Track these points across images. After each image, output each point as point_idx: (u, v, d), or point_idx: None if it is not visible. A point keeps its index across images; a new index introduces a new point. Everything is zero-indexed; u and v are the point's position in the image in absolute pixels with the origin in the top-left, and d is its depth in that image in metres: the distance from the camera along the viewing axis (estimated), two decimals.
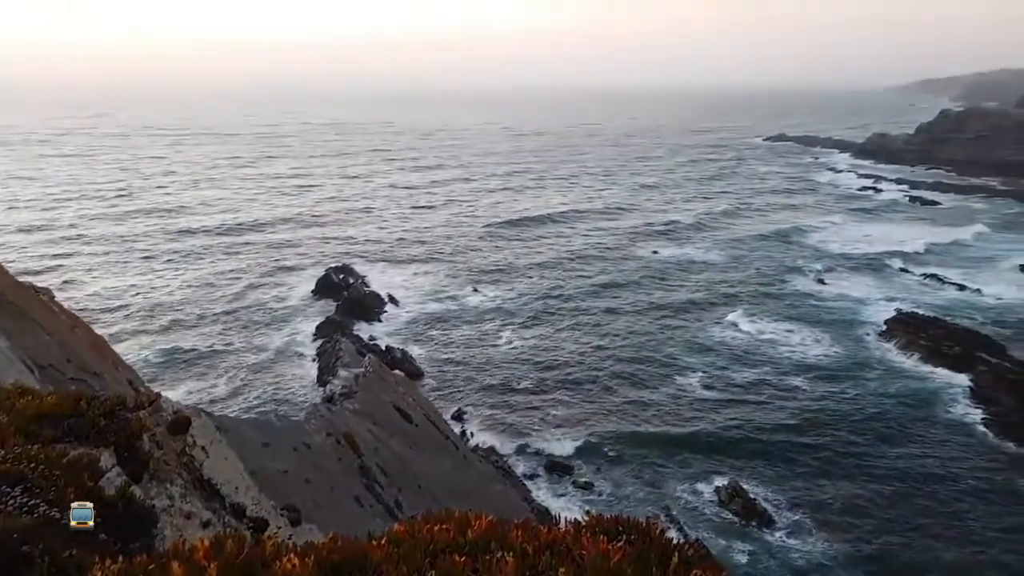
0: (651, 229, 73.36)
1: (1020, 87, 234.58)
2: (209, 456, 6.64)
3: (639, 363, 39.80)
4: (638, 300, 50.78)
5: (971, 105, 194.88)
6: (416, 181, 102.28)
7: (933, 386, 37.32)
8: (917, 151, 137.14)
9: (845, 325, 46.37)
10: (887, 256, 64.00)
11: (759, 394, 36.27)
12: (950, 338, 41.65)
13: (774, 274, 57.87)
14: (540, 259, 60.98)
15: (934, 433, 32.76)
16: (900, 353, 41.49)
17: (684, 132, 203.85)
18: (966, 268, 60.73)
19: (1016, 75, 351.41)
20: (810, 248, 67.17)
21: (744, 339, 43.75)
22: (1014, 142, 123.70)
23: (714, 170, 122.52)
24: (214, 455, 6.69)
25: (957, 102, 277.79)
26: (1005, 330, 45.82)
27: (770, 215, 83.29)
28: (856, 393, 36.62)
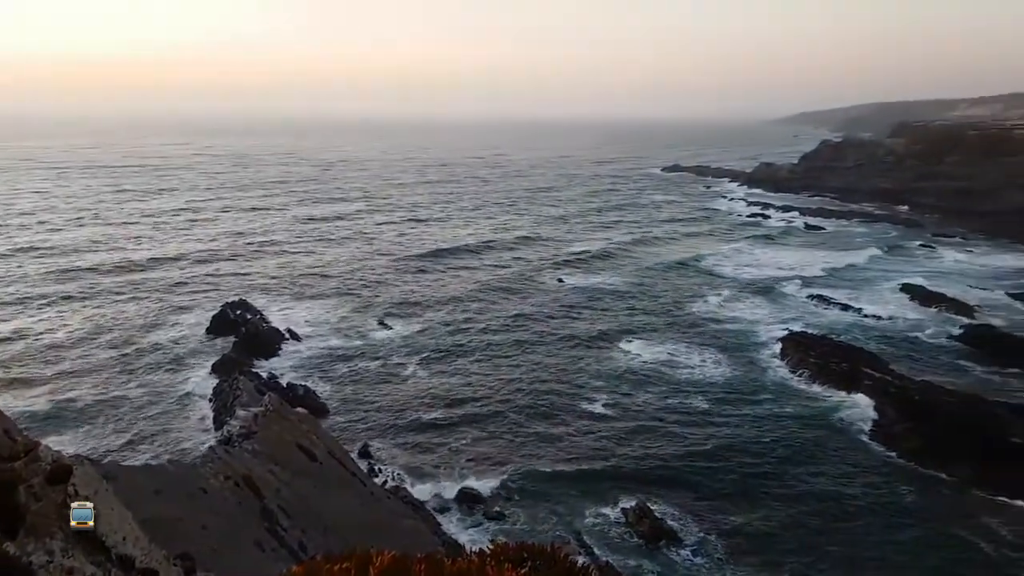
0: (558, 259, 74.52)
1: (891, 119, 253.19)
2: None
3: (547, 392, 40.14)
4: (545, 330, 51.18)
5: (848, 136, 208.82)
6: (318, 213, 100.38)
7: (823, 401, 39.43)
8: (801, 179, 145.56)
9: (742, 347, 48.35)
10: (777, 279, 67.34)
11: (663, 416, 37.25)
12: (837, 355, 44.08)
13: (674, 300, 59.82)
14: (448, 292, 60.65)
15: (826, 446, 34.43)
16: (792, 371, 43.62)
17: (586, 163, 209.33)
18: (850, 289, 64.56)
19: (887, 108, 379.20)
20: (707, 273, 69.92)
21: (647, 364, 44.87)
22: (887, 170, 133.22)
23: (616, 200, 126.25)
24: (99, 505, 6.33)
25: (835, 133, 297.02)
26: (887, 346, 48.89)
27: (669, 242, 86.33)
28: (753, 411, 38.22)
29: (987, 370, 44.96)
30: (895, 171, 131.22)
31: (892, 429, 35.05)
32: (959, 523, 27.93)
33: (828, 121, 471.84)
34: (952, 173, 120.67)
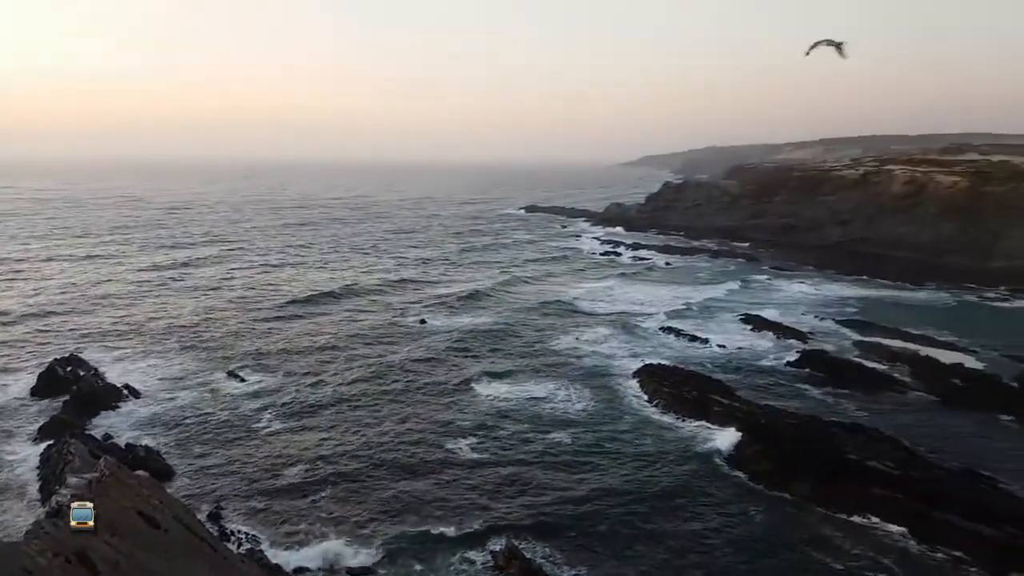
0: (421, 302, 73.85)
1: (724, 162, 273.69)
2: None
3: (413, 443, 38.96)
4: (410, 377, 49.95)
5: (688, 177, 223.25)
6: (163, 260, 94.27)
7: (677, 430, 41.02)
8: (648, 218, 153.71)
9: (602, 380, 49.66)
10: (632, 314, 70.15)
11: (529, 456, 37.29)
12: (689, 384, 46.22)
13: (537, 338, 60.73)
14: (306, 341, 58.11)
15: (682, 471, 35.69)
16: (648, 401, 45.25)
17: (447, 204, 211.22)
18: (697, 320, 68.24)
19: (721, 152, 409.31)
20: (567, 310, 71.72)
21: (512, 404, 44.97)
22: (723, 209, 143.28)
23: (477, 240, 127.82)
24: None
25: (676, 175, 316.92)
26: (733, 374, 51.82)
27: (529, 281, 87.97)
28: (614, 443, 39.10)
29: (822, 392, 48.65)
30: (731, 209, 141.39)
31: (741, 453, 36.90)
32: (806, 541, 29.56)
33: (670, 164, 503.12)
34: (781, 211, 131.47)
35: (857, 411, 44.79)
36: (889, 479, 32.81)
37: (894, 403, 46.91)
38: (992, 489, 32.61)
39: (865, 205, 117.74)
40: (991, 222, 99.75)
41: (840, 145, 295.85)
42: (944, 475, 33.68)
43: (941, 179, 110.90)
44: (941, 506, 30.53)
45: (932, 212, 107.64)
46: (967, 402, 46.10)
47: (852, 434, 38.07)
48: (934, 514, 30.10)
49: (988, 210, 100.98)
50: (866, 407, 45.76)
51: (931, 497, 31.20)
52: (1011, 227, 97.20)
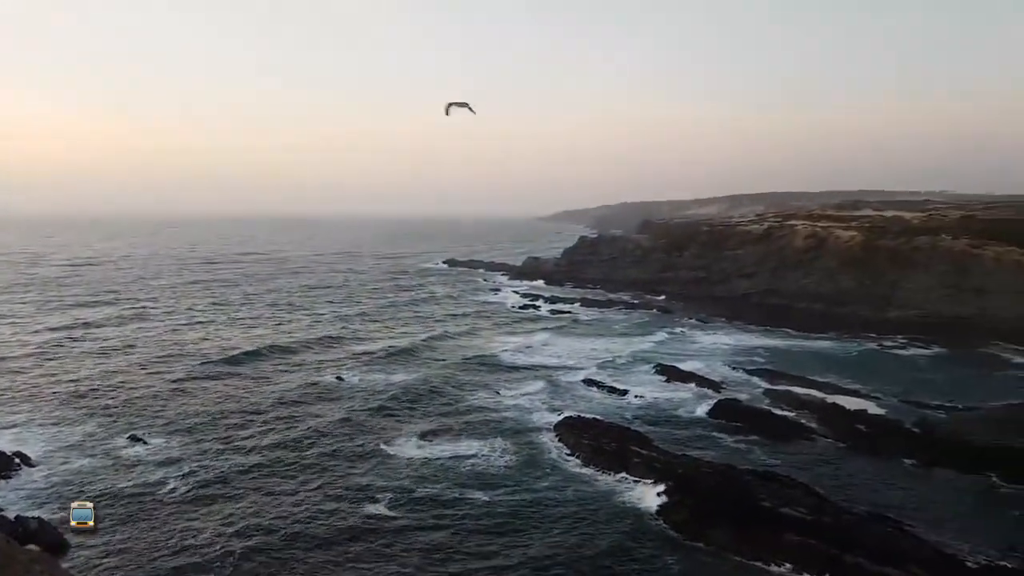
0: (339, 359, 72.11)
1: (637, 217, 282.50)
2: None
3: (328, 506, 37.50)
4: (325, 437, 48.36)
5: (603, 232, 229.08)
6: (64, 321, 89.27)
7: (597, 482, 41.09)
8: (565, 272, 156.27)
9: (522, 435, 49.44)
10: (551, 367, 70.61)
11: (450, 518, 36.39)
12: (608, 436, 46.56)
13: (457, 393, 60.20)
14: (217, 403, 55.49)
15: (602, 524, 35.62)
16: (569, 454, 45.28)
17: (366, 258, 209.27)
18: (615, 371, 69.19)
19: (633, 207, 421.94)
20: (487, 364, 71.46)
21: (433, 462, 44.21)
22: (637, 262, 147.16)
23: (397, 295, 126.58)
24: None
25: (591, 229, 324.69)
26: (651, 425, 52.58)
27: (449, 336, 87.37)
28: (534, 501, 38.77)
29: (736, 440, 49.84)
30: (644, 263, 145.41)
31: (659, 504, 37.23)
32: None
33: (585, 218, 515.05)
34: (691, 264, 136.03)
35: (770, 458, 46.04)
36: (802, 525, 33.66)
37: (804, 450, 48.47)
38: (899, 532, 33.88)
39: (769, 258, 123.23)
40: (886, 274, 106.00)
41: (745, 201, 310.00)
42: (854, 519, 34.81)
43: (839, 234, 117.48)
44: (852, 550, 31.44)
45: (832, 265, 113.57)
46: (872, 447, 48.06)
47: (765, 481, 38.99)
48: (845, 558, 30.97)
49: (882, 263, 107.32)
50: (778, 454, 47.10)
51: (842, 542, 32.12)
52: (904, 279, 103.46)
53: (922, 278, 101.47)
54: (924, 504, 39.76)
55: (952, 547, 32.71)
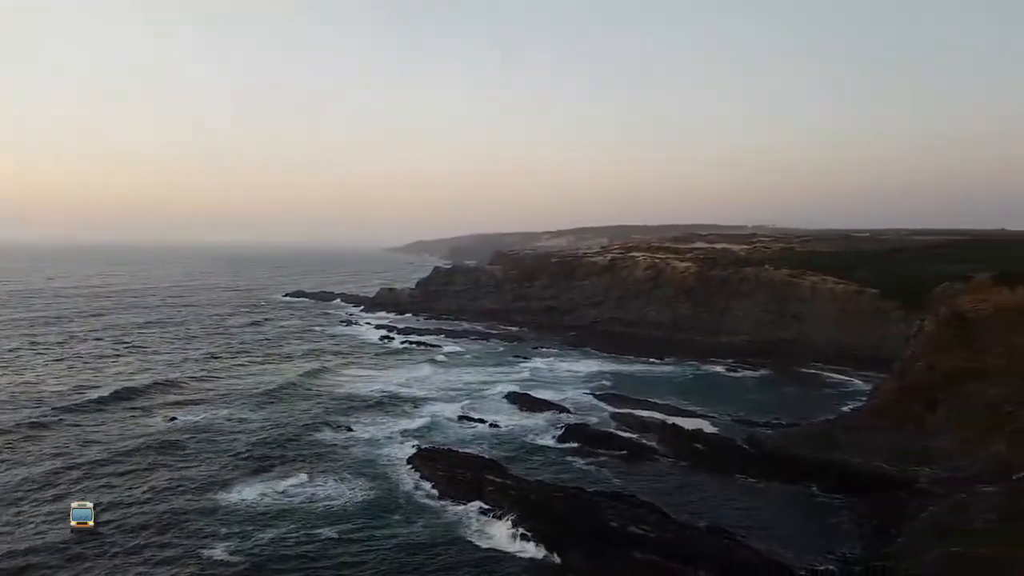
0: (175, 400, 67.17)
1: (490, 248, 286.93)
2: None
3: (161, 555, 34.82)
4: (157, 483, 44.59)
5: (456, 263, 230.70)
6: None
7: (452, 513, 40.85)
8: (420, 302, 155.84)
9: (374, 468, 48.44)
10: (403, 398, 69.81)
11: (294, 558, 34.93)
12: (463, 466, 46.65)
13: (304, 428, 57.90)
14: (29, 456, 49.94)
15: (461, 556, 35.56)
16: (424, 485, 44.85)
17: (202, 290, 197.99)
18: (469, 401, 69.50)
19: (486, 239, 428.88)
20: (338, 397, 69.47)
21: (277, 501, 42.23)
22: (490, 292, 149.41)
23: (238, 329, 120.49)
24: None
25: (445, 260, 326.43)
26: (505, 452, 53.29)
27: (296, 370, 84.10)
28: (385, 534, 38.04)
29: (586, 462, 51.49)
30: (497, 293, 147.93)
31: (515, 530, 37.66)
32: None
33: (438, 249, 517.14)
34: (542, 294, 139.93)
35: (617, 479, 47.87)
36: (647, 542, 35.21)
37: (648, 469, 50.83)
38: (735, 543, 36.17)
39: (614, 288, 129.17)
40: (717, 303, 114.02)
41: (590, 234, 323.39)
42: (695, 534, 36.83)
43: (676, 264, 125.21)
44: (693, 563, 33.24)
45: (670, 293, 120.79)
46: (709, 465, 51.19)
47: (614, 502, 40.50)
48: (687, 572, 32.67)
49: (714, 292, 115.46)
50: (624, 475, 49.09)
51: (684, 556, 33.87)
52: (733, 306, 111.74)
53: (748, 306, 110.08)
54: (756, 516, 42.74)
55: (781, 555, 35.38)
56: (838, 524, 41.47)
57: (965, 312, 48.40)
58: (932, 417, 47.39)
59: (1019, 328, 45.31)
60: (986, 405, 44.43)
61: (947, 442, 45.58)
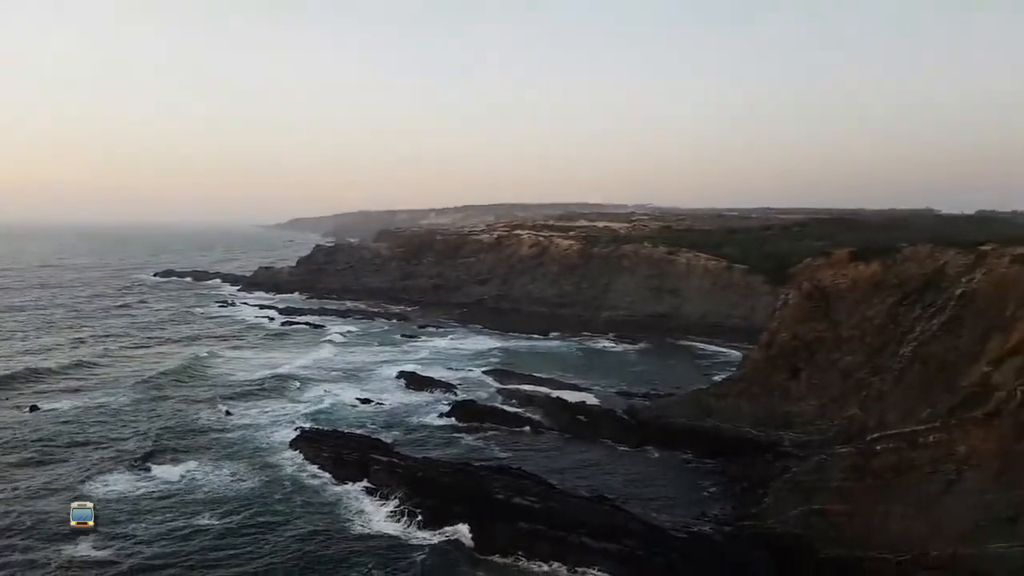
0: (36, 386, 62.35)
1: (374, 226, 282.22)
2: None
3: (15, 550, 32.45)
4: (16, 474, 41.73)
5: (339, 240, 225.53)
6: None
7: (339, 493, 40.32)
8: (300, 281, 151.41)
9: (256, 453, 46.96)
10: (286, 378, 67.86)
11: (167, 548, 33.34)
12: (349, 446, 45.99)
13: (180, 413, 55.27)
14: None
15: (349, 537, 35.10)
16: (308, 467, 43.93)
17: (71, 270, 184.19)
18: (355, 381, 68.51)
19: (370, 216, 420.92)
20: (215, 381, 66.63)
21: (149, 489, 40.20)
22: (375, 270, 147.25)
23: (103, 312, 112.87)
24: None
25: (327, 238, 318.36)
26: (392, 430, 52.97)
27: (171, 352, 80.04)
28: (270, 515, 37.15)
29: (473, 438, 52.04)
30: (382, 271, 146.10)
31: (401, 507, 37.60)
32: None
33: (320, 227, 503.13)
34: (429, 272, 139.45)
35: (503, 453, 48.70)
36: (533, 513, 36.02)
37: (533, 442, 51.97)
38: (616, 510, 37.59)
39: (500, 265, 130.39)
40: (599, 279, 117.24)
41: (477, 211, 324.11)
42: (578, 503, 37.96)
43: (560, 242, 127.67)
44: (576, 531, 34.34)
45: (554, 271, 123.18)
46: (591, 435, 52.91)
47: (499, 475, 41.11)
48: (571, 539, 33.71)
49: (596, 268, 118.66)
50: (510, 448, 50.01)
51: (568, 524, 34.93)
52: (614, 283, 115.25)
53: (628, 282, 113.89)
54: (635, 482, 44.64)
55: (658, 519, 37.13)
56: (710, 487, 43.96)
57: (825, 286, 51.88)
58: (795, 384, 50.71)
59: (871, 300, 49.05)
60: (842, 372, 47.96)
61: (808, 407, 48.97)
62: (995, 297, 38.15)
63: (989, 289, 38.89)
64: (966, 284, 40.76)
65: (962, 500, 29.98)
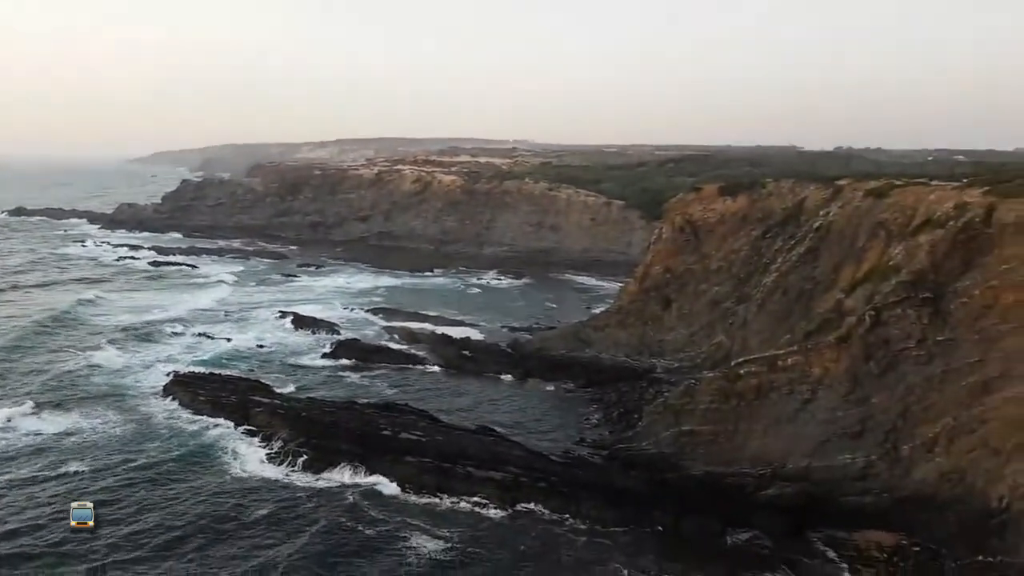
0: None
1: (246, 160, 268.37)
2: None
3: None
4: None
5: (208, 175, 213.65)
6: None
7: (218, 437, 39.06)
8: (167, 218, 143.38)
9: (126, 398, 44.77)
10: (156, 322, 64.50)
11: (35, 491, 31.72)
12: (227, 389, 44.71)
13: (42, 360, 51.54)
14: None
15: (227, 481, 34.34)
16: (183, 412, 42.34)
17: None
18: (232, 323, 66.13)
19: (241, 149, 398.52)
20: (79, 325, 62.25)
21: (12, 439, 37.77)
22: (249, 207, 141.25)
23: None
24: None
25: (195, 173, 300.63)
26: (273, 372, 51.79)
27: (26, 297, 74.06)
28: (145, 464, 35.74)
29: (358, 377, 51.77)
30: (256, 208, 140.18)
31: (285, 448, 37.09)
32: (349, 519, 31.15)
33: (186, 161, 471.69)
34: (306, 208, 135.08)
35: (389, 390, 48.82)
36: (419, 447, 36.62)
37: (419, 379, 52.33)
38: (500, 440, 38.77)
39: (382, 201, 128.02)
40: (482, 215, 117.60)
41: (355, 145, 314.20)
42: (463, 435, 38.87)
43: (442, 178, 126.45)
44: (463, 462, 35.22)
45: (437, 207, 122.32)
46: (476, 370, 53.84)
47: (385, 412, 41.41)
48: (457, 469, 34.56)
49: (479, 205, 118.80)
50: (397, 386, 50.18)
51: (453, 456, 35.77)
52: (496, 219, 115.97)
53: (511, 218, 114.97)
54: (519, 413, 46.03)
55: (540, 446, 38.64)
56: (589, 414, 45.96)
57: (695, 220, 54.37)
58: (667, 315, 53.40)
59: (738, 234, 51.92)
60: (710, 302, 50.87)
61: (679, 336, 51.83)
62: (849, 229, 41.32)
63: (843, 222, 42.04)
64: (823, 217, 43.86)
65: (815, 417, 32.90)
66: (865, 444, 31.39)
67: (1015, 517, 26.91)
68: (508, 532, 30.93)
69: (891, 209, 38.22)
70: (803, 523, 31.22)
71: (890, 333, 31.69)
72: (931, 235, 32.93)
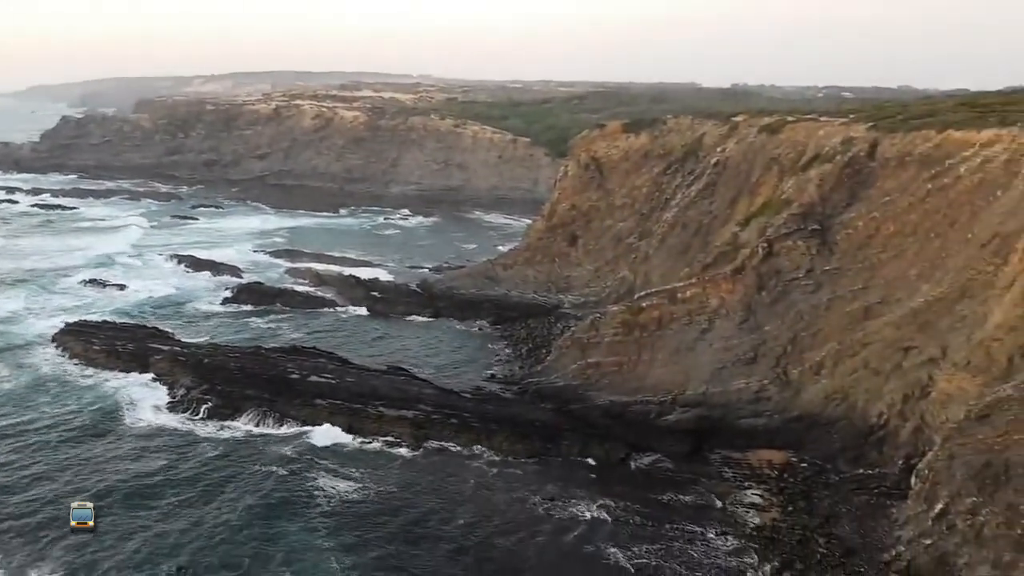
0: None
1: (133, 94, 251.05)
2: None
3: None
4: None
5: (90, 111, 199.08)
6: None
7: (117, 388, 37.56)
8: (47, 158, 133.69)
9: (12, 348, 42.41)
10: (41, 270, 60.87)
11: None
12: (123, 337, 42.90)
13: None
14: None
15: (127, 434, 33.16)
16: (75, 364, 40.39)
17: None
18: (125, 268, 63.02)
19: (127, 83, 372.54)
20: None
21: None
22: (137, 145, 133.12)
23: None
24: None
25: (76, 108, 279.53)
26: (171, 318, 49.96)
27: None
28: (35, 415, 34.23)
29: (264, 321, 50.61)
30: (146, 146, 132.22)
31: (188, 395, 36.12)
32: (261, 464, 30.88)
33: (66, 96, 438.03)
34: (199, 146, 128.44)
35: (296, 333, 47.97)
36: (329, 389, 36.46)
37: (327, 321, 51.62)
38: (411, 379, 39.06)
39: (281, 139, 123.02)
40: (387, 152, 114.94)
41: (250, 79, 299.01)
42: (373, 375, 38.91)
43: (344, 114, 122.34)
44: (374, 402, 35.32)
45: (339, 144, 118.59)
46: (386, 311, 53.49)
47: (293, 356, 40.85)
48: (368, 410, 34.66)
49: (384, 142, 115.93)
50: (304, 328, 49.36)
51: (365, 396, 35.82)
52: (403, 157, 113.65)
53: (418, 155, 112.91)
54: (429, 351, 46.30)
55: (450, 384, 39.16)
56: (499, 350, 46.70)
57: (599, 157, 54.96)
58: (574, 251, 54.28)
59: (640, 171, 52.88)
60: (615, 238, 51.98)
61: (585, 271, 52.89)
62: (744, 164, 42.79)
63: (739, 157, 43.46)
64: (720, 153, 45.16)
65: (712, 346, 34.59)
66: (758, 369, 33.29)
67: (891, 432, 29.36)
68: (420, 468, 31.45)
69: (783, 145, 39.82)
70: (701, 445, 33.11)
71: (781, 264, 33.45)
72: (820, 169, 34.64)
